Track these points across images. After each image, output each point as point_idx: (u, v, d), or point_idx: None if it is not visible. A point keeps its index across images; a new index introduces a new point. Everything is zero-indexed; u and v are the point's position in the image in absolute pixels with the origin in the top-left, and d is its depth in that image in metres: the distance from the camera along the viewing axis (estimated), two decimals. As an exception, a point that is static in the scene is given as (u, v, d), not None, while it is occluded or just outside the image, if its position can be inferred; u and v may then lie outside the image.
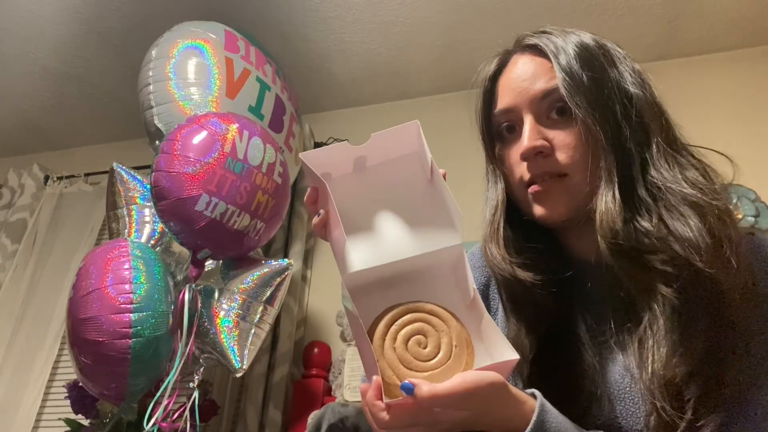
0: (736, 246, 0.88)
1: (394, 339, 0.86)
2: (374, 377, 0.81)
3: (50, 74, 3.45)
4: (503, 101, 1.07)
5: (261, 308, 2.23)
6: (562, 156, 1.00)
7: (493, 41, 3.04)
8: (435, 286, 0.93)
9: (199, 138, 2.10)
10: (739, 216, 2.65)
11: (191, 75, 2.43)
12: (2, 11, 3.06)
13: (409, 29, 3.09)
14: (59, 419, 2.60)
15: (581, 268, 1.06)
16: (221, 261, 2.32)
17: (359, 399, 2.47)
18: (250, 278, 2.25)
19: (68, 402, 2.43)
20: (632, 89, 1.00)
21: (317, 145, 3.37)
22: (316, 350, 2.79)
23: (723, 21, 2.95)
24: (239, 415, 2.69)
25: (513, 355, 0.82)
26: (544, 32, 1.08)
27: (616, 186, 0.94)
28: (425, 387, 0.76)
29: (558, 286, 1.04)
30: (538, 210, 1.03)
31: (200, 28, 2.57)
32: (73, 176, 3.77)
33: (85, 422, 2.50)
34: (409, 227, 0.94)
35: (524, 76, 1.05)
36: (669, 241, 0.90)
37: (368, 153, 1.00)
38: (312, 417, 2.33)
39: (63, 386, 2.51)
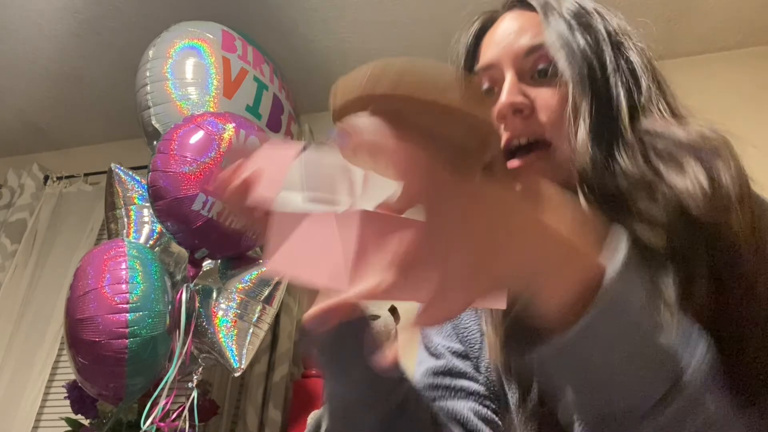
0: (752, 201, 0.78)
1: None
2: None
3: (50, 74, 3.45)
4: (484, 57, 0.96)
5: (259, 307, 2.24)
6: (543, 117, 0.87)
7: None
8: None
9: (195, 138, 2.10)
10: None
11: (189, 75, 2.43)
12: (2, 11, 3.07)
13: (408, 29, 3.09)
14: (59, 419, 2.62)
15: None
16: (219, 260, 2.32)
17: None
18: (248, 277, 2.26)
19: (68, 402, 2.44)
20: (627, 53, 0.92)
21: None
22: None
23: (723, 20, 2.94)
24: (239, 415, 2.69)
25: None
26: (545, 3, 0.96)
27: (594, 131, 0.84)
28: None
29: None
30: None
31: (197, 28, 2.58)
32: (72, 176, 3.77)
33: (85, 422, 2.50)
34: None
35: (509, 31, 0.94)
36: (657, 183, 0.79)
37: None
38: (312, 417, 2.34)
39: (63, 386, 2.51)
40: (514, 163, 0.87)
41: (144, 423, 1.97)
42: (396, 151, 0.51)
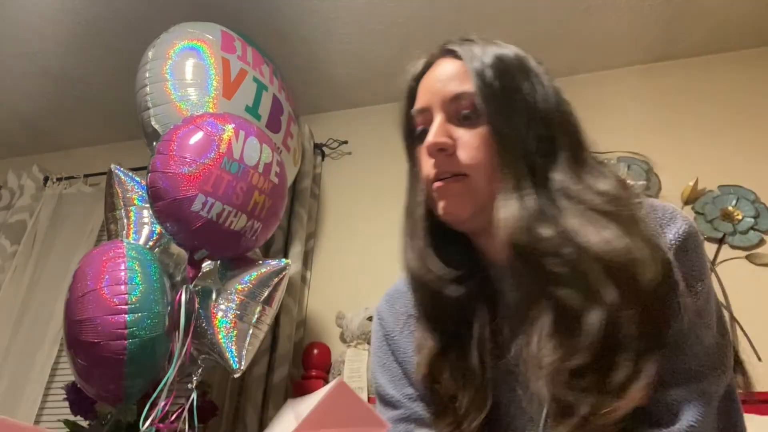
0: (644, 248, 0.89)
1: None
2: None
3: (50, 75, 3.46)
4: (419, 101, 1.10)
5: (259, 308, 2.23)
6: (463, 155, 1.02)
7: None
8: None
9: (195, 138, 2.09)
10: (739, 217, 2.65)
11: (188, 76, 2.42)
12: (2, 13, 3.07)
13: (408, 30, 3.08)
14: (58, 421, 2.58)
15: (493, 270, 1.09)
16: (219, 261, 2.31)
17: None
18: (247, 278, 2.24)
19: (67, 404, 2.43)
20: (542, 104, 1.02)
21: (316, 146, 3.39)
22: (315, 351, 2.79)
23: (723, 22, 2.94)
24: (239, 416, 2.68)
25: None
26: (467, 40, 1.11)
27: (518, 193, 0.97)
28: None
29: (471, 287, 1.06)
30: (441, 206, 1.05)
31: (197, 29, 2.57)
32: (72, 177, 3.79)
33: (84, 424, 2.49)
34: None
35: (440, 78, 1.08)
36: (567, 245, 0.92)
37: None
38: None
39: (62, 388, 2.51)
40: (437, 185, 1.03)
41: (143, 424, 1.94)
42: None
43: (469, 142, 1.02)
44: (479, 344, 1.03)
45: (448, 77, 1.06)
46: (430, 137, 1.03)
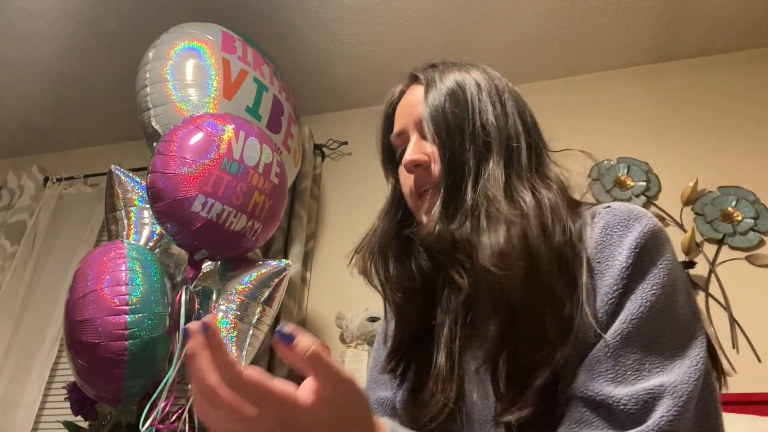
0: (539, 249, 0.97)
1: None
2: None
3: (50, 76, 3.45)
4: (396, 126, 1.22)
5: (259, 309, 2.23)
6: (435, 169, 1.12)
7: (492, 43, 3.04)
8: None
9: (195, 139, 2.10)
10: (739, 218, 2.65)
11: (189, 76, 2.42)
12: (2, 13, 3.06)
13: (408, 31, 3.08)
14: (58, 421, 2.59)
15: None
16: (219, 262, 2.31)
17: None
18: (247, 279, 2.24)
19: (67, 404, 2.42)
20: (490, 118, 1.11)
21: (316, 147, 3.39)
22: None
23: (723, 23, 2.94)
24: None
25: None
26: (432, 66, 1.22)
27: (444, 194, 1.07)
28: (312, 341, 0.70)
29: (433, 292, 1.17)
30: (424, 219, 1.13)
31: (197, 29, 2.57)
32: (72, 178, 3.78)
33: (84, 424, 2.49)
34: None
35: (410, 102, 1.19)
36: (472, 243, 1.01)
37: None
38: None
39: (62, 388, 2.51)
40: (421, 202, 1.14)
41: (143, 425, 1.95)
42: None
43: (438, 157, 1.12)
44: (448, 342, 1.10)
45: (417, 101, 1.17)
46: (407, 156, 1.14)
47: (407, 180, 1.16)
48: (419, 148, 1.14)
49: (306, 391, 0.70)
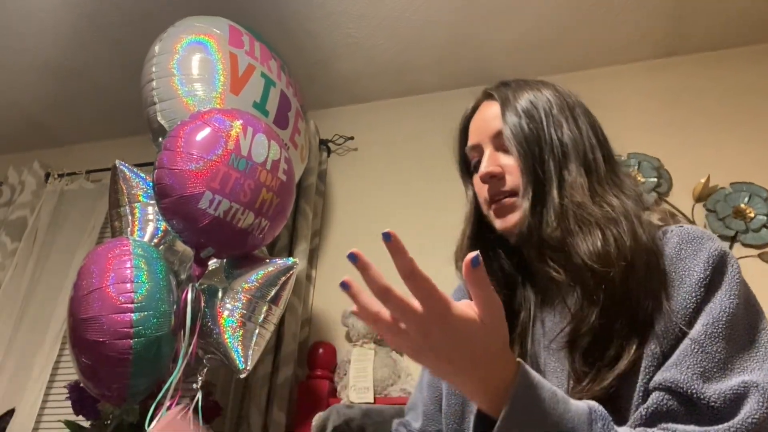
0: (634, 251, 1.07)
1: None
2: None
3: (51, 69, 3.43)
4: (471, 139, 1.34)
5: (265, 308, 2.21)
6: (510, 178, 1.23)
7: (498, 37, 3.04)
8: None
9: (202, 135, 2.08)
10: (751, 215, 2.64)
11: (195, 71, 2.41)
12: (2, 5, 3.04)
13: (415, 25, 3.07)
14: (59, 421, 2.59)
15: (540, 277, 1.27)
16: (225, 260, 2.30)
17: (365, 400, 2.45)
18: (254, 277, 2.23)
19: (69, 403, 2.42)
20: (566, 132, 1.22)
21: (322, 142, 3.38)
22: (320, 351, 2.77)
23: (733, 17, 2.92)
24: (242, 416, 2.67)
25: None
26: (504, 84, 1.34)
27: (530, 199, 1.18)
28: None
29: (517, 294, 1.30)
30: (498, 223, 1.26)
31: (204, 23, 2.55)
32: (74, 173, 3.77)
33: (86, 424, 2.48)
34: None
35: (485, 118, 1.32)
36: (565, 242, 1.13)
37: None
38: (317, 419, 2.36)
39: (64, 387, 2.49)
40: (494, 206, 1.25)
41: (149, 424, 1.93)
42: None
43: (513, 167, 1.23)
44: (522, 331, 1.23)
45: (491, 117, 1.29)
46: (482, 168, 1.26)
47: (482, 189, 1.28)
48: (494, 161, 1.26)
49: (463, 303, 0.83)
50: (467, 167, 1.39)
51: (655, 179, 2.81)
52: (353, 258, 0.80)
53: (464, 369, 0.84)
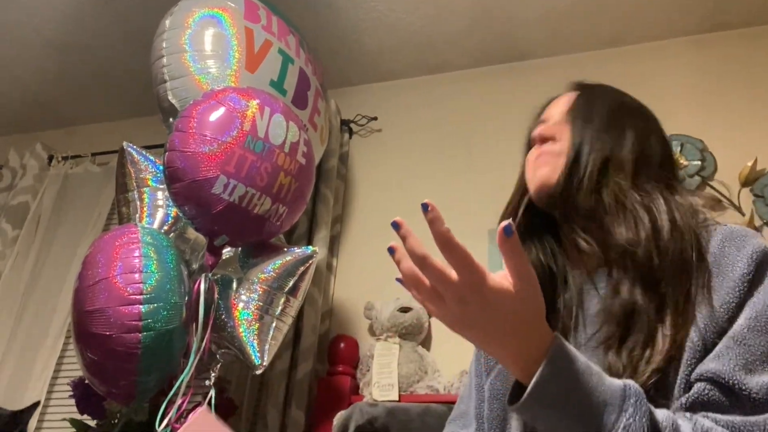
0: (675, 240, 1.10)
1: None
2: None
3: (54, 46, 3.40)
4: (544, 114, 1.39)
5: (283, 299, 2.19)
6: (559, 144, 1.27)
7: (528, 12, 2.98)
8: None
9: (216, 115, 2.05)
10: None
11: (208, 46, 2.38)
12: (4, -22, 3.03)
13: (440, -4, 3.04)
14: (63, 419, 2.54)
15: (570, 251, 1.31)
16: (240, 248, 2.29)
17: (389, 398, 2.38)
18: (271, 267, 2.21)
19: (73, 401, 2.38)
20: (630, 128, 1.26)
21: (344, 122, 3.33)
22: (342, 345, 2.73)
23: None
24: (259, 415, 2.65)
25: None
26: (592, 85, 1.41)
27: (569, 162, 1.22)
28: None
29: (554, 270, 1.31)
30: (530, 174, 1.30)
31: (218, -5, 2.54)
32: (79, 156, 3.74)
33: (92, 423, 2.44)
34: None
35: (558, 103, 1.37)
36: (598, 217, 1.17)
37: None
38: (338, 418, 2.31)
39: (68, 384, 2.45)
40: (537, 163, 1.29)
41: (159, 424, 1.90)
42: None
43: (565, 137, 1.27)
44: (565, 315, 1.23)
45: (564, 101, 1.35)
46: (536, 131, 1.33)
47: (531, 156, 1.32)
48: (548, 128, 1.31)
49: (499, 275, 0.86)
50: (529, 147, 1.41)
51: (699, 162, 2.72)
52: (396, 226, 0.84)
53: (499, 339, 0.89)
